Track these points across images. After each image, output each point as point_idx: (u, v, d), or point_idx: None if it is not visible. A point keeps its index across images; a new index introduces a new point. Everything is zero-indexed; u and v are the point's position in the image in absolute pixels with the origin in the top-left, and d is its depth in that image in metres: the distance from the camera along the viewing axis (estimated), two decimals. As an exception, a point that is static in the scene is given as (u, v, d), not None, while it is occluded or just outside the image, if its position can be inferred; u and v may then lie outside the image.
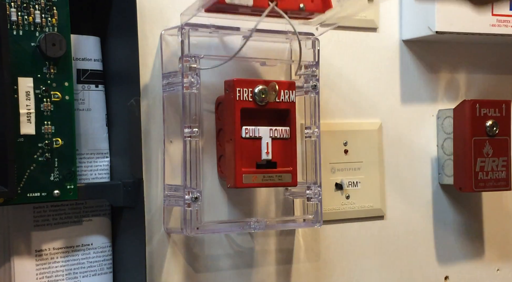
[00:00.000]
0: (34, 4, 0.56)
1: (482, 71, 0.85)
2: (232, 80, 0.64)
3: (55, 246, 0.61)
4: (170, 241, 0.67)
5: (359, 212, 0.77)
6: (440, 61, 0.83)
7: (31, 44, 0.56)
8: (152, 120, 0.66)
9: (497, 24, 0.78)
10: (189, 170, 0.62)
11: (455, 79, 0.84)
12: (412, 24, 0.78)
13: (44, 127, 0.57)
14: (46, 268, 0.61)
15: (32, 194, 0.56)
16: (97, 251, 0.63)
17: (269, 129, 0.65)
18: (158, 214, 0.66)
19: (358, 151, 0.77)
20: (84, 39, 0.62)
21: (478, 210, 0.85)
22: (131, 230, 0.62)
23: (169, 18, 0.66)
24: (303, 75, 0.69)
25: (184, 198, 0.63)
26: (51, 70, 0.57)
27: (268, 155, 0.65)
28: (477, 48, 0.84)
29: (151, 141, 0.66)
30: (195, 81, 0.63)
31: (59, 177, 0.57)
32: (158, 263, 0.66)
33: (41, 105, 0.57)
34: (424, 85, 0.82)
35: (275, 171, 0.66)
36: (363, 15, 0.77)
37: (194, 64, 0.62)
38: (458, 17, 0.76)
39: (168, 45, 0.65)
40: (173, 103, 0.65)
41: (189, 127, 0.63)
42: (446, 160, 0.81)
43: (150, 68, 0.66)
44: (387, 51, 0.79)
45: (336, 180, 0.75)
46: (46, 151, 0.57)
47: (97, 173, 0.63)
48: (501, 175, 0.80)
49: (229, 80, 0.65)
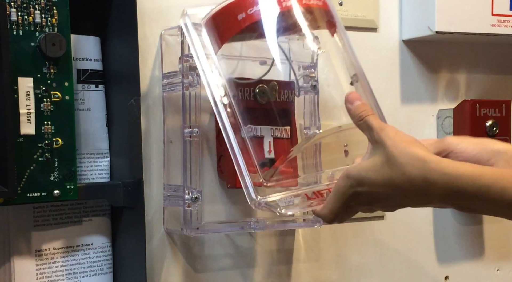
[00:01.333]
0: (34, 4, 0.56)
1: (482, 71, 0.85)
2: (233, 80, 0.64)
3: (55, 246, 0.61)
4: (170, 241, 0.67)
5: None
6: (440, 61, 0.82)
7: (31, 44, 0.56)
8: (152, 120, 0.66)
9: (497, 24, 0.78)
10: (189, 170, 0.62)
11: (455, 79, 0.84)
12: (412, 24, 0.78)
13: (44, 127, 0.57)
14: (46, 268, 0.61)
15: (32, 194, 0.56)
16: (97, 251, 0.63)
17: (270, 129, 0.65)
18: (158, 214, 0.66)
19: (358, 151, 0.77)
20: (84, 39, 0.62)
21: (478, 210, 0.85)
22: (131, 230, 0.62)
23: (169, 18, 0.66)
24: (302, 76, 0.68)
25: (184, 198, 0.63)
26: (51, 70, 0.57)
27: (270, 154, 0.65)
28: (477, 48, 0.84)
29: (151, 140, 0.66)
30: (195, 81, 0.63)
31: (59, 177, 0.57)
32: (158, 263, 0.66)
33: (41, 105, 0.57)
34: (424, 85, 0.82)
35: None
36: (363, 15, 0.77)
37: (194, 64, 0.62)
38: (458, 17, 0.76)
39: (168, 45, 0.65)
40: (173, 103, 0.65)
41: (189, 127, 0.63)
42: (446, 160, 0.81)
43: (150, 68, 0.66)
44: (387, 51, 0.79)
45: (336, 180, 0.75)
46: (46, 151, 0.57)
47: (97, 173, 0.63)
48: (501, 175, 0.80)
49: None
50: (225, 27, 0.59)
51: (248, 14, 0.57)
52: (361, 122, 0.54)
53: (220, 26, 0.59)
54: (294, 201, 0.57)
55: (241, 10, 0.58)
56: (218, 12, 0.59)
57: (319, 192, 0.57)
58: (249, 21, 0.58)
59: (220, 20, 0.59)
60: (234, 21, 0.58)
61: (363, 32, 0.78)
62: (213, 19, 0.59)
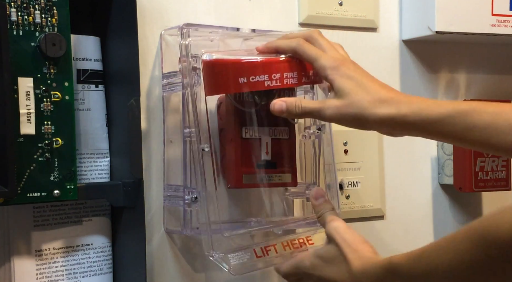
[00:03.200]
0: (34, 4, 0.56)
1: (482, 71, 0.85)
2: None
3: (55, 246, 0.61)
4: (170, 241, 0.67)
5: (359, 212, 0.77)
6: (440, 61, 0.83)
7: (31, 44, 0.56)
8: (152, 120, 0.66)
9: (497, 24, 0.78)
10: (189, 170, 0.62)
11: (455, 79, 0.84)
12: (412, 24, 0.78)
13: (44, 127, 0.57)
14: (46, 268, 0.61)
15: (32, 194, 0.56)
16: (97, 251, 0.63)
17: (268, 130, 0.65)
18: (158, 214, 0.66)
19: (358, 151, 0.77)
20: (84, 39, 0.62)
21: (478, 210, 0.85)
22: (131, 230, 0.62)
23: (169, 18, 0.66)
24: None
25: (184, 198, 0.62)
26: (51, 70, 0.57)
27: (267, 155, 0.65)
28: (477, 48, 0.84)
29: (151, 140, 0.66)
30: (195, 81, 0.63)
31: (59, 177, 0.57)
32: (158, 263, 0.66)
33: (41, 105, 0.57)
34: (424, 85, 0.82)
35: (275, 171, 0.66)
36: (363, 15, 0.77)
37: (194, 64, 0.62)
38: (458, 17, 0.76)
39: (168, 45, 0.65)
40: (173, 103, 0.65)
41: (189, 127, 0.62)
42: (446, 159, 0.81)
43: (150, 68, 0.66)
44: (387, 51, 0.79)
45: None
46: (46, 151, 0.57)
47: (97, 173, 0.63)
48: (501, 175, 0.80)
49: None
50: (223, 81, 0.61)
51: (250, 81, 0.60)
52: (320, 218, 0.62)
53: (218, 77, 0.61)
54: (244, 257, 0.63)
55: (243, 74, 0.60)
56: (220, 62, 0.61)
57: (266, 248, 0.64)
58: (249, 88, 0.61)
59: (219, 71, 0.61)
60: (234, 81, 0.60)
61: (363, 32, 0.78)
62: (213, 64, 0.61)
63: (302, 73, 0.61)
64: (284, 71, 0.61)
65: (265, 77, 0.60)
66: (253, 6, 0.71)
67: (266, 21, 0.72)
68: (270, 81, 0.60)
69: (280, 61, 0.61)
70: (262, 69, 0.60)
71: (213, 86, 0.61)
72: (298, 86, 0.66)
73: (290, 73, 0.61)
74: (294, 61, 0.61)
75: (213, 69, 0.61)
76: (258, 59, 0.61)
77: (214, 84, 0.61)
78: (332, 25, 0.75)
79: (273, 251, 0.64)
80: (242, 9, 0.71)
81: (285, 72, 0.61)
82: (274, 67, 0.60)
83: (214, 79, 0.61)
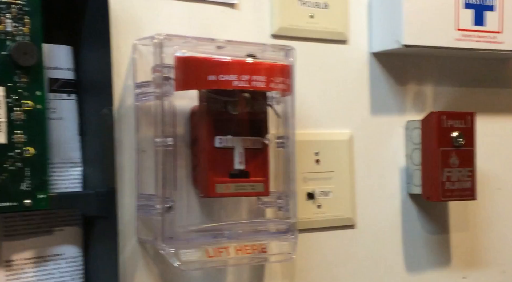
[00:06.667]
0: (6, 13, 0.56)
1: (448, 84, 0.87)
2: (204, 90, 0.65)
3: (26, 256, 0.60)
4: (143, 250, 0.67)
5: (330, 221, 0.78)
6: (408, 73, 0.84)
7: (2, 53, 0.56)
8: (125, 129, 0.66)
9: (461, 38, 0.80)
10: (161, 180, 0.62)
11: (422, 91, 0.86)
12: (381, 37, 0.80)
13: (16, 137, 0.56)
14: (16, 279, 0.60)
15: (2, 203, 0.55)
16: (68, 261, 0.63)
17: (242, 139, 0.66)
18: (131, 224, 0.66)
19: (329, 161, 0.78)
20: (56, 48, 0.61)
21: (445, 219, 0.87)
22: (104, 239, 0.61)
23: (142, 28, 0.66)
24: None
25: (156, 207, 0.62)
26: (23, 79, 0.57)
27: (241, 165, 0.66)
28: (443, 62, 0.87)
29: (124, 150, 0.65)
30: (168, 91, 0.63)
31: (31, 186, 0.57)
32: (131, 273, 0.66)
33: (12, 114, 0.56)
34: (393, 97, 0.83)
35: (248, 181, 0.66)
36: (333, 27, 0.78)
37: (167, 74, 0.63)
38: (425, 31, 0.78)
39: (141, 55, 0.65)
40: (146, 112, 0.65)
41: (161, 137, 0.63)
42: (415, 170, 0.82)
43: (123, 77, 0.66)
44: (356, 63, 0.81)
45: (308, 189, 0.76)
46: (17, 160, 0.56)
47: (69, 182, 0.62)
48: (467, 184, 0.81)
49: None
50: (193, 76, 0.62)
51: (219, 80, 0.61)
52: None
53: (189, 72, 0.62)
54: (196, 255, 0.64)
55: (213, 72, 0.61)
56: (192, 59, 0.62)
57: (218, 249, 0.65)
58: (217, 86, 0.61)
59: (190, 67, 0.62)
60: (203, 78, 0.61)
61: (333, 44, 0.79)
62: (185, 60, 0.62)
63: (270, 79, 0.62)
64: (253, 74, 0.61)
65: (233, 77, 0.61)
66: (225, 17, 0.72)
67: (239, 32, 0.72)
68: (238, 81, 0.61)
69: (251, 64, 0.62)
70: (231, 68, 0.61)
71: (183, 81, 0.62)
72: (267, 91, 0.66)
73: (259, 77, 0.62)
74: (264, 65, 0.62)
75: (184, 65, 0.62)
76: (229, 59, 0.61)
77: (184, 80, 0.62)
78: (304, 37, 0.76)
79: (225, 253, 0.65)
80: (215, 20, 0.71)
81: (254, 75, 0.61)
82: (243, 68, 0.61)
83: (185, 75, 0.62)
